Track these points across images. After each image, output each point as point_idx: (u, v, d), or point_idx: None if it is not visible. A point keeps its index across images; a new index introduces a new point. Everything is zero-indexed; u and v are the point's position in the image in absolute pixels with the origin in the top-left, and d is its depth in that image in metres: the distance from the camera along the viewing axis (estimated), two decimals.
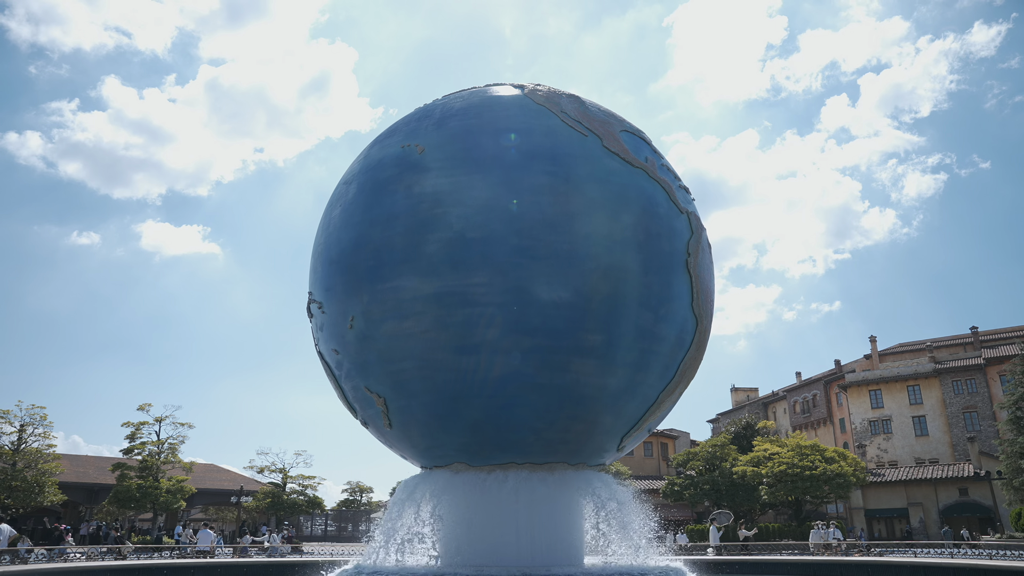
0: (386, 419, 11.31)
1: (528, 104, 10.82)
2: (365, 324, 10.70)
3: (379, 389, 11.07)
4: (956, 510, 48.40)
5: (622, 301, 9.77)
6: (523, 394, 9.98)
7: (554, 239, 9.52)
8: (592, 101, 11.61)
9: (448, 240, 9.71)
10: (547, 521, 11.05)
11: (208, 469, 53.84)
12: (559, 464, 11.17)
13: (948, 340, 69.50)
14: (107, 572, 20.54)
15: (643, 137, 11.40)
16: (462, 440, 10.91)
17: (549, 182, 9.77)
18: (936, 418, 60.05)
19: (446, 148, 10.41)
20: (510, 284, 9.48)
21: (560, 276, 9.51)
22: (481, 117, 10.72)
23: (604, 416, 10.66)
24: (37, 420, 37.13)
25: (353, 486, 69.76)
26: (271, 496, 47.94)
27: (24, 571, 19.14)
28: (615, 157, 10.21)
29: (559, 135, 10.28)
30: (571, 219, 9.63)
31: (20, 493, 34.39)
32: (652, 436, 64.19)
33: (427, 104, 12.47)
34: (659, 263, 10.16)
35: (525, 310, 9.46)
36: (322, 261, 11.82)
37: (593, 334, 9.71)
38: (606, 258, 9.66)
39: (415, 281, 9.88)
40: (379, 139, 12.33)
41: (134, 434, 42.06)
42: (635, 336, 10.04)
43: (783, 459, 42.57)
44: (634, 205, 10.03)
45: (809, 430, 69.98)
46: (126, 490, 39.44)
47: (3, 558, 22.50)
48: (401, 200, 10.32)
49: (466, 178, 9.97)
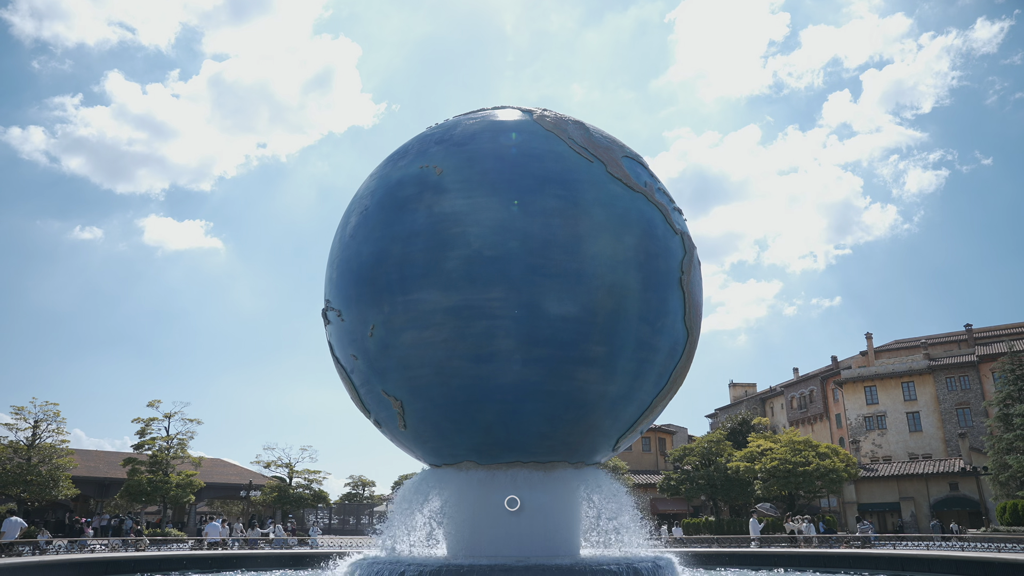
0: (401, 420, 12.21)
1: (538, 130, 11.72)
2: (385, 333, 11.56)
3: (397, 393, 11.96)
4: (946, 504, 49.48)
5: (624, 316, 10.81)
6: (532, 399, 10.96)
7: (564, 259, 10.48)
8: (595, 126, 12.54)
9: (467, 257, 10.60)
10: (547, 515, 12.03)
11: (214, 463, 54.82)
12: (560, 463, 12.21)
13: (943, 337, 70.48)
14: (131, 562, 21.49)
15: (641, 162, 12.36)
16: (474, 441, 11.88)
17: (560, 205, 10.71)
18: (930, 414, 61.08)
19: (464, 171, 11.27)
20: (524, 299, 10.43)
21: (569, 292, 10.49)
22: (496, 142, 11.60)
23: (604, 420, 11.69)
24: (51, 416, 38.12)
25: (356, 480, 70.75)
26: (277, 490, 48.93)
27: (70, 560, 20.10)
28: (618, 182, 11.17)
29: (568, 161, 11.20)
30: (579, 240, 10.60)
31: (35, 487, 35.36)
32: (651, 432, 65.16)
33: (439, 124, 13.31)
34: (657, 281, 11.18)
35: (536, 323, 10.44)
36: (342, 272, 12.61)
37: (597, 345, 10.73)
38: (610, 276, 10.66)
39: (435, 295, 10.77)
40: (393, 158, 13.15)
41: (144, 430, 42.97)
42: (634, 347, 11.08)
43: (776, 455, 43.67)
44: (635, 228, 11.03)
45: (806, 425, 71.03)
46: (137, 484, 40.39)
47: (23, 549, 23.42)
48: (422, 218, 11.18)
49: (483, 200, 10.85)
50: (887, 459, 59.91)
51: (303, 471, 50.93)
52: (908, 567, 18.86)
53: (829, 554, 22.28)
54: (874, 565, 19.96)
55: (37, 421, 37.73)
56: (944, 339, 69.86)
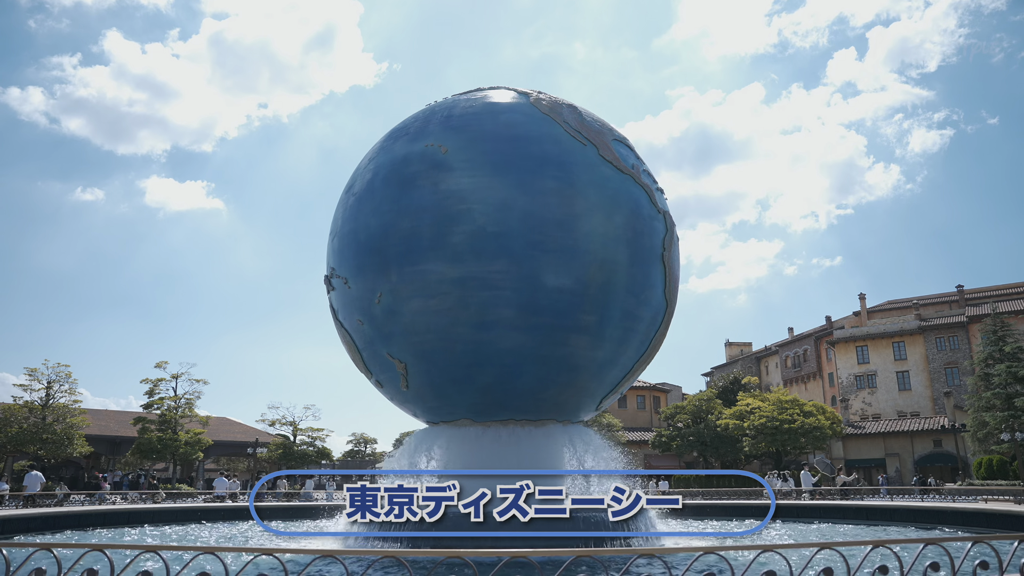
0: (404, 381, 13.28)
1: (535, 113, 12.58)
2: (392, 300, 12.55)
3: (401, 356, 13.01)
4: (929, 460, 51.23)
5: (613, 288, 11.94)
6: (528, 363, 12.12)
7: (561, 235, 11.56)
8: (586, 109, 13.40)
9: (472, 232, 11.62)
10: (534, 464, 13.23)
11: (221, 422, 56.31)
12: (549, 420, 13.47)
13: (935, 298, 71.58)
14: (150, 513, 22.85)
15: (628, 144, 13.34)
16: (472, 401, 13.04)
17: (557, 186, 11.75)
18: (919, 373, 62.50)
19: (468, 151, 12.17)
20: (524, 272, 11.51)
21: (564, 266, 11.59)
22: (496, 122, 12.47)
23: (591, 382, 13.00)
24: (63, 377, 39.39)
25: (357, 437, 72.47)
26: (282, 448, 50.44)
27: (102, 511, 21.42)
28: (609, 165, 12.13)
29: (563, 144, 12.13)
30: (575, 219, 11.66)
31: (51, 445, 36.81)
32: (645, 390, 66.67)
33: (438, 103, 14.01)
34: (642, 256, 12.33)
35: (535, 294, 11.53)
36: (348, 242, 13.47)
37: (588, 315, 11.89)
38: (602, 252, 11.77)
39: (442, 266, 11.79)
40: (394, 134, 13.86)
41: (152, 390, 44.25)
42: (621, 317, 12.28)
43: (764, 413, 45.29)
44: (624, 208, 12.06)
45: (800, 384, 72.60)
46: (148, 442, 41.81)
47: (46, 501, 24.71)
48: (428, 195, 12.10)
49: (487, 179, 11.82)
50: (876, 417, 61.56)
51: (307, 429, 52.39)
52: (873, 516, 20.39)
53: (800, 505, 23.79)
54: (853, 514, 21.37)
55: (50, 382, 38.97)
56: (936, 300, 70.99)
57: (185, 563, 5.76)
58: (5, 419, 36.93)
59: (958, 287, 68.91)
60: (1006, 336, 39.44)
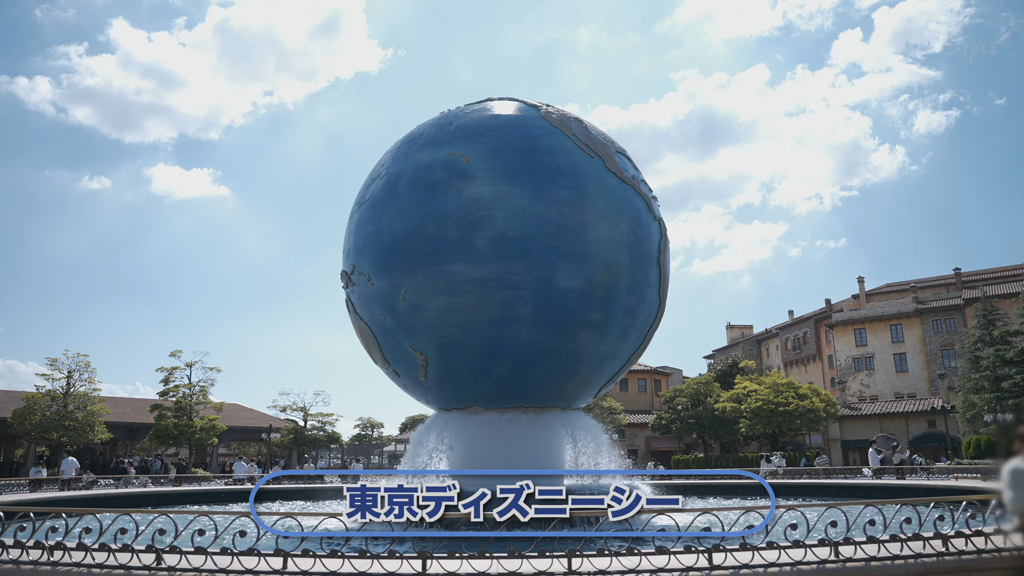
0: (424, 372, 14.46)
1: (546, 126, 13.77)
2: (417, 297, 13.67)
3: (423, 348, 14.18)
4: (924, 440, 52.64)
5: (616, 288, 13.44)
6: (541, 356, 13.52)
7: (573, 241, 12.96)
8: (591, 123, 14.67)
9: (494, 237, 12.87)
10: (537, 447, 14.53)
11: (233, 408, 57.72)
12: (553, 408, 14.92)
13: (933, 280, 72.56)
14: (172, 495, 24.36)
15: (627, 156, 14.82)
16: (487, 390, 14.33)
17: (570, 195, 13.10)
18: (916, 355, 63.68)
19: (488, 161, 13.33)
20: (541, 274, 12.88)
21: (576, 269, 13.01)
22: (513, 134, 13.63)
23: (593, 373, 14.53)
24: (82, 367, 40.85)
25: (365, 421, 73.90)
26: (293, 432, 51.92)
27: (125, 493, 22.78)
28: (614, 176, 13.48)
29: (574, 156, 13.45)
30: (586, 226, 13.06)
31: (73, 431, 38.32)
32: (646, 374, 67.96)
33: (451, 112, 14.98)
34: (642, 260, 13.85)
35: (549, 293, 12.93)
36: (372, 242, 14.45)
37: (595, 313, 13.39)
38: (608, 256, 13.21)
39: (465, 267, 13.02)
40: (410, 140, 14.73)
41: (167, 378, 45.66)
42: (623, 314, 13.81)
43: (760, 396, 46.69)
44: (627, 215, 13.48)
45: (799, 366, 73.80)
46: (164, 428, 43.32)
47: (77, 485, 26.06)
48: (453, 201, 13.22)
49: (507, 188, 13.06)
50: (873, 398, 62.84)
51: (317, 414, 53.82)
52: (854, 494, 22.07)
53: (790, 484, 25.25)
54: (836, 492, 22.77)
55: (71, 371, 40.39)
56: (934, 282, 71.95)
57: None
58: (29, 407, 38.43)
59: (955, 270, 69.85)
60: (996, 320, 40.61)
